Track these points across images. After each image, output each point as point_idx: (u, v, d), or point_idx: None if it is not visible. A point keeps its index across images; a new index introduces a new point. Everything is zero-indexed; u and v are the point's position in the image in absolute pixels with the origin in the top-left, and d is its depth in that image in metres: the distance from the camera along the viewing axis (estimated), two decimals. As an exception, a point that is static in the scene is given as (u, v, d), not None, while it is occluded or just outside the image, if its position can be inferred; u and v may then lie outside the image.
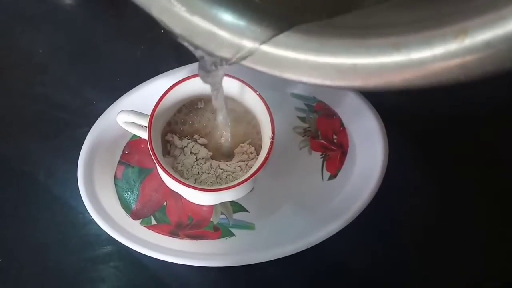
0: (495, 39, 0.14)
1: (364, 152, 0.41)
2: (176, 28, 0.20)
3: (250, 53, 0.19)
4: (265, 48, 0.18)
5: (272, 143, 0.34)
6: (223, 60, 0.20)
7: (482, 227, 0.41)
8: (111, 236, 0.37)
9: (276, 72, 0.19)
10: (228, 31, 0.19)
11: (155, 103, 0.35)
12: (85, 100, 0.44)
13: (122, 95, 0.41)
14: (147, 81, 0.42)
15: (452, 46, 0.15)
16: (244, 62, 0.19)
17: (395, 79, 0.16)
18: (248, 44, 0.19)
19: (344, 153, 0.42)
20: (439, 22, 0.15)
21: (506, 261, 0.40)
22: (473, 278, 0.40)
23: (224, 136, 0.37)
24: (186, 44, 0.20)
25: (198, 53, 0.22)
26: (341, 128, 0.42)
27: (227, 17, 0.19)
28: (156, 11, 0.19)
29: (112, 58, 0.47)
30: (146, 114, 0.34)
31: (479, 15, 0.14)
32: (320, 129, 0.43)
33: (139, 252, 0.37)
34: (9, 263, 0.39)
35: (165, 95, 0.35)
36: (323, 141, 0.42)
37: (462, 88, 0.16)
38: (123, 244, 0.37)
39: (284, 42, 0.18)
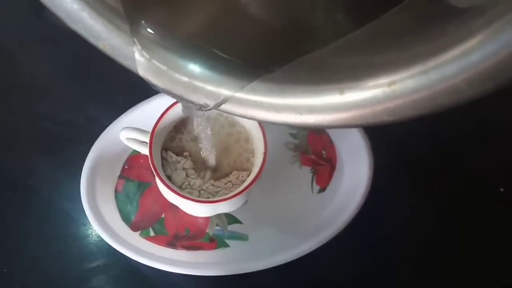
0: (418, 88, 0.17)
1: (351, 166, 0.43)
2: (158, 83, 0.23)
3: (225, 101, 0.22)
4: (238, 95, 0.21)
5: (264, 158, 0.36)
6: (202, 107, 0.23)
7: (470, 238, 0.43)
8: (111, 247, 0.39)
9: (249, 114, 0.22)
10: (205, 83, 0.22)
11: (154, 120, 0.37)
12: (88, 117, 0.46)
13: (122, 113, 0.43)
14: (146, 100, 0.44)
15: (383, 93, 0.18)
16: (220, 108, 0.23)
17: (346, 117, 0.19)
18: (224, 92, 0.22)
19: (332, 168, 0.44)
20: (375, 72, 0.18)
21: (497, 272, 0.42)
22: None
23: (209, 160, 0.39)
24: (169, 96, 0.24)
25: (182, 103, 0.25)
26: (330, 144, 0.45)
27: (203, 72, 0.22)
28: (141, 71, 0.23)
29: (114, 78, 0.48)
30: (147, 131, 0.37)
31: (407, 67, 0.17)
32: (310, 145, 0.45)
33: (138, 262, 0.38)
34: (13, 273, 0.40)
35: (165, 113, 0.37)
36: (312, 156, 0.45)
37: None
38: (123, 254, 0.39)
39: (253, 90, 0.21)
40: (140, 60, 0.22)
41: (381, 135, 0.43)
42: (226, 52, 0.22)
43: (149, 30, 0.22)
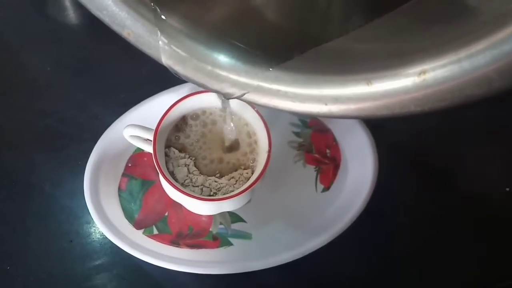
0: (450, 77, 0.17)
1: (356, 165, 0.43)
2: (181, 71, 0.23)
3: (249, 89, 0.22)
4: (263, 84, 0.21)
5: (269, 156, 0.36)
6: (226, 96, 0.23)
7: (475, 238, 0.43)
8: (115, 245, 0.39)
9: (272, 104, 0.22)
10: (229, 72, 0.22)
11: (158, 118, 0.37)
12: (91, 115, 0.46)
13: (126, 110, 0.43)
14: (150, 98, 0.44)
15: (413, 82, 0.18)
16: (244, 97, 0.22)
17: (372, 107, 0.19)
18: (248, 81, 0.22)
19: (336, 167, 0.44)
20: (404, 61, 0.18)
21: (502, 272, 0.42)
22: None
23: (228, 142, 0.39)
24: (195, 84, 0.24)
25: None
26: (334, 143, 0.45)
27: (227, 61, 0.22)
28: (165, 59, 0.23)
29: (117, 75, 0.49)
30: (151, 129, 0.37)
31: (438, 56, 0.17)
32: (314, 143, 0.45)
33: (141, 260, 0.38)
34: (16, 270, 0.40)
35: (169, 110, 0.37)
36: (316, 155, 0.44)
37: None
38: (126, 253, 0.38)
39: (278, 79, 0.21)
40: (164, 48, 0.22)
41: (386, 134, 0.43)
42: (246, 43, 0.22)
43: (174, 20, 0.22)
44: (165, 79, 0.46)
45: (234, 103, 0.37)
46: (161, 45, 0.23)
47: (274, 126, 0.37)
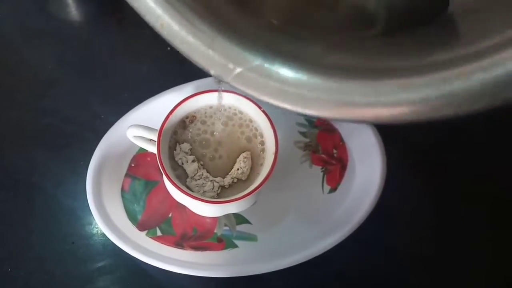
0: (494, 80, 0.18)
1: (363, 166, 0.42)
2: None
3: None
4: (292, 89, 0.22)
5: (275, 158, 0.35)
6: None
7: (484, 238, 0.42)
8: (117, 247, 0.38)
9: (319, 113, 0.23)
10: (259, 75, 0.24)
11: (161, 117, 0.36)
12: (93, 114, 0.45)
13: (129, 109, 0.42)
14: (153, 97, 0.43)
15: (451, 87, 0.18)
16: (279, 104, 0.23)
17: (406, 112, 0.20)
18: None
19: (343, 167, 0.43)
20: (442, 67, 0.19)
21: (507, 276, 0.41)
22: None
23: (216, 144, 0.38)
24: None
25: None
26: (341, 143, 0.44)
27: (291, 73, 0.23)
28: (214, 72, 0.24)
29: (120, 74, 0.48)
30: (155, 129, 0.36)
31: (475, 61, 0.18)
32: (321, 143, 0.44)
33: (144, 262, 0.38)
34: (18, 272, 0.40)
35: (173, 111, 0.36)
36: (323, 155, 0.44)
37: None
38: (129, 254, 0.38)
39: (318, 86, 0.22)
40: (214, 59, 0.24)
41: (394, 134, 0.42)
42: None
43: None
44: (168, 77, 0.46)
45: (241, 104, 0.37)
46: (211, 55, 0.24)
47: (280, 126, 0.37)
